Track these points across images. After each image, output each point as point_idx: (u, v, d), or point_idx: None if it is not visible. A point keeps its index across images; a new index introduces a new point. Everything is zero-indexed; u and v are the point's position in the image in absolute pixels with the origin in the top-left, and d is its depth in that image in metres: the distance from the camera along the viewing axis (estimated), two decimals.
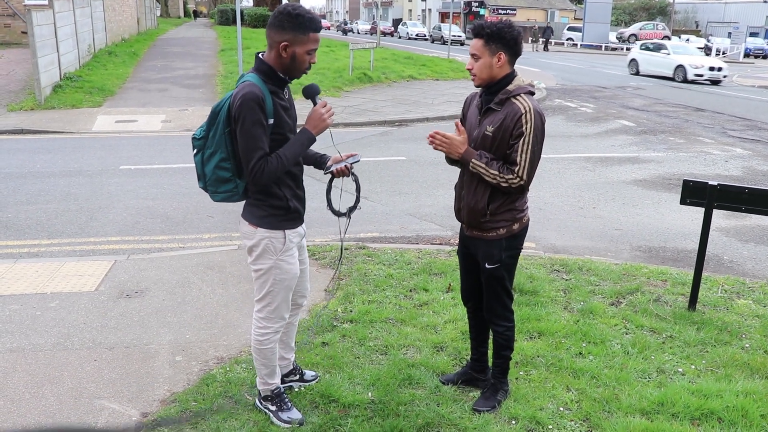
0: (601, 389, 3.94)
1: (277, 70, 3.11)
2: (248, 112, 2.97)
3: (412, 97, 18.25)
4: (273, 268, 3.30)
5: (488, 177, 3.32)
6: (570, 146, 12.34)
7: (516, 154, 3.27)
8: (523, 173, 3.27)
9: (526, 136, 3.25)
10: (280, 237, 3.27)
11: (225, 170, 3.15)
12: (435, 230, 7.35)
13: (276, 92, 3.12)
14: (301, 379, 3.95)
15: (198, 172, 3.26)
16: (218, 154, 3.13)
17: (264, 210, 3.24)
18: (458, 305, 4.99)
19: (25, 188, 8.63)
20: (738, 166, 10.95)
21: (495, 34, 3.26)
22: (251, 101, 2.97)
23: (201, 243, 6.80)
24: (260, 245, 3.27)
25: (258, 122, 3.00)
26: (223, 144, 3.11)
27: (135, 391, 3.91)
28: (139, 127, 13.53)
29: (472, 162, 3.34)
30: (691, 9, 70.08)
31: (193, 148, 3.23)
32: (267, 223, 3.24)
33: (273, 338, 3.46)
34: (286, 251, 3.30)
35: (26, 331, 4.62)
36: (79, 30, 19.22)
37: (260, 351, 3.47)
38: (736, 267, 6.51)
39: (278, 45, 3.04)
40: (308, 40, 3.06)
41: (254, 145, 3.01)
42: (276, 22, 3.06)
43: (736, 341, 4.63)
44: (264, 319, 3.42)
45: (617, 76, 28.10)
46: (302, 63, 3.10)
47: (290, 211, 3.28)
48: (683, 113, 17.18)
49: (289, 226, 3.30)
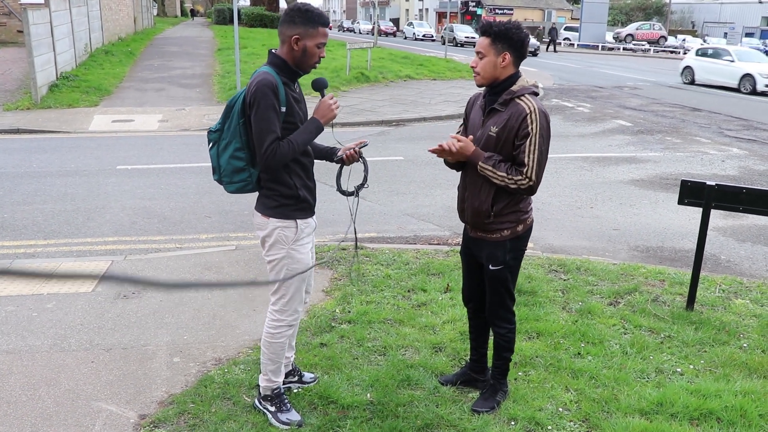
0: (600, 389, 3.93)
1: (289, 63, 3.28)
2: (262, 97, 3.13)
3: (410, 96, 18.24)
4: (285, 257, 3.39)
5: (496, 179, 3.31)
6: (567, 146, 12.34)
7: (523, 154, 3.26)
8: (532, 173, 3.27)
9: (532, 136, 3.24)
10: (291, 226, 3.37)
11: (239, 159, 3.29)
12: (433, 230, 7.34)
13: (288, 84, 3.28)
14: (299, 381, 3.95)
15: (213, 165, 3.39)
16: (233, 144, 3.28)
17: (275, 200, 3.35)
18: (456, 306, 4.99)
19: (21, 188, 8.60)
20: (735, 166, 10.97)
21: (502, 34, 3.26)
22: (266, 87, 3.14)
23: (198, 243, 6.78)
24: (273, 235, 3.36)
25: (272, 107, 3.15)
26: (237, 134, 3.26)
27: (132, 393, 3.90)
28: (136, 126, 13.50)
29: (480, 165, 3.33)
30: (687, 9, 70.20)
31: (209, 142, 3.39)
32: (278, 213, 3.35)
33: (285, 332, 3.51)
34: (298, 241, 3.40)
35: (22, 333, 4.61)
36: (75, 29, 19.17)
37: (271, 344, 3.52)
38: (733, 267, 6.52)
39: (290, 39, 3.22)
40: (318, 34, 3.24)
41: (267, 127, 3.15)
42: (287, 18, 3.25)
43: (734, 341, 4.63)
44: (278, 312, 3.50)
45: (614, 76, 28.12)
46: (312, 56, 3.27)
47: (300, 200, 3.38)
48: (680, 113, 17.20)
49: (301, 216, 3.41)
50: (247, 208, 7.71)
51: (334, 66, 21.51)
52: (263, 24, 40.05)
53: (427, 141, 12.44)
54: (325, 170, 3.88)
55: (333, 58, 23.65)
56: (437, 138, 12.81)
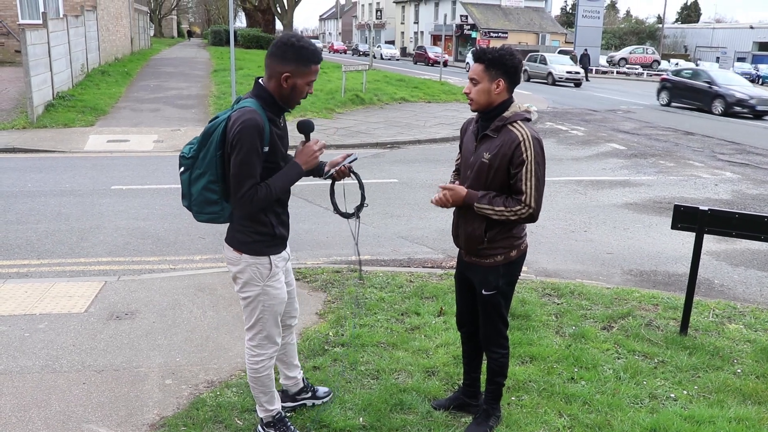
0: (593, 415, 3.92)
1: (276, 98, 3.11)
2: (247, 140, 2.95)
3: (405, 119, 18.32)
4: (261, 294, 3.27)
5: (496, 215, 3.30)
6: (561, 169, 12.40)
7: (521, 183, 3.25)
8: (531, 201, 3.25)
9: (528, 163, 3.23)
10: (265, 263, 3.24)
11: (213, 192, 3.11)
12: (427, 253, 7.34)
13: (273, 120, 3.12)
14: (314, 397, 3.92)
15: (183, 191, 3.20)
16: (207, 176, 3.09)
17: (249, 236, 3.21)
18: (450, 329, 4.98)
19: (15, 207, 8.59)
20: (728, 190, 11.03)
21: (496, 60, 3.27)
22: (252, 128, 2.95)
23: (192, 264, 6.76)
24: (246, 272, 3.23)
25: (255, 151, 2.97)
26: (213, 166, 3.06)
27: (124, 415, 3.86)
28: (131, 146, 13.52)
29: (476, 205, 3.33)
30: (679, 34, 71.08)
31: (180, 166, 3.18)
32: (252, 249, 3.21)
33: (268, 364, 3.42)
34: (273, 277, 3.28)
35: (14, 353, 4.57)
36: (72, 49, 19.25)
37: (257, 379, 3.42)
38: (726, 291, 6.53)
39: (279, 76, 3.04)
40: (310, 72, 3.08)
41: (248, 172, 2.98)
42: (279, 52, 3.05)
43: (727, 366, 4.63)
44: (257, 347, 3.38)
45: (608, 99, 28.33)
46: (300, 93, 3.12)
47: (275, 237, 3.27)
48: (673, 137, 17.32)
49: (274, 252, 3.28)
50: None
51: (329, 88, 21.62)
52: (259, 45, 40.30)
53: (422, 163, 12.49)
54: (318, 192, 3.86)
55: (328, 80, 23.79)
56: (432, 160, 12.91)
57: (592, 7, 54.18)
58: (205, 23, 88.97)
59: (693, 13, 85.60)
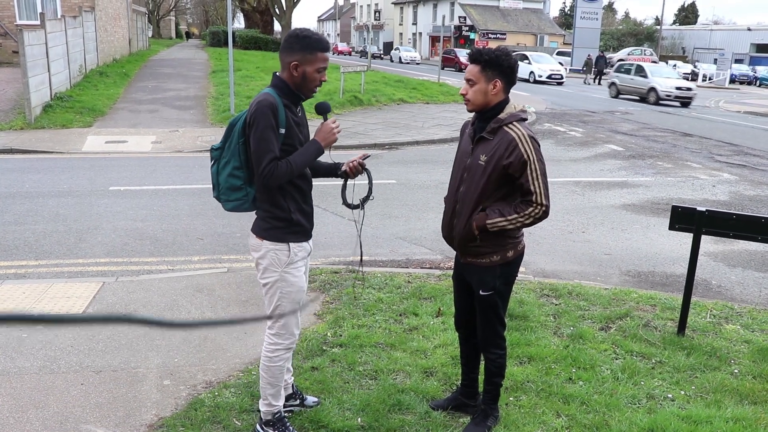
0: (591, 415, 3.93)
1: (291, 86, 3.33)
2: (261, 117, 3.18)
3: (403, 120, 18.33)
4: (279, 281, 3.40)
5: (511, 225, 3.33)
6: (560, 170, 12.41)
7: (528, 183, 3.27)
8: (542, 198, 3.29)
9: (531, 163, 3.26)
10: (284, 249, 3.38)
11: (237, 178, 3.34)
12: (425, 254, 7.35)
13: (289, 106, 3.32)
14: (301, 405, 3.93)
15: (213, 182, 3.45)
16: (232, 163, 3.34)
17: (268, 222, 3.38)
18: (448, 330, 4.99)
19: (13, 208, 8.58)
20: (725, 191, 11.05)
21: (493, 61, 3.29)
22: (265, 107, 3.19)
23: (190, 265, 6.76)
24: (266, 258, 3.39)
25: (270, 126, 3.19)
26: (237, 153, 3.32)
27: (122, 416, 3.87)
28: (129, 147, 13.51)
29: (488, 224, 3.35)
30: (677, 35, 71.15)
31: (211, 159, 3.45)
32: (271, 235, 3.37)
33: (283, 356, 3.51)
34: (291, 264, 3.41)
35: (12, 354, 4.57)
36: (70, 50, 19.23)
37: (269, 368, 3.51)
38: (724, 292, 6.55)
39: (289, 65, 3.27)
40: (316, 59, 3.28)
41: (266, 147, 3.18)
42: (286, 45, 3.31)
43: (725, 366, 4.64)
44: (275, 335, 3.50)
45: (605, 100, 28.37)
46: (313, 81, 3.32)
47: (293, 224, 3.39)
48: (671, 138, 17.35)
49: (294, 239, 3.42)
50: (240, 230, 7.71)
51: (328, 89, 21.60)
52: (258, 46, 40.28)
53: (420, 164, 12.50)
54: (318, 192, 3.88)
55: (327, 81, 23.73)
56: (430, 161, 12.92)
57: (590, 8, 54.20)
58: (204, 24, 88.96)
59: (691, 14, 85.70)
